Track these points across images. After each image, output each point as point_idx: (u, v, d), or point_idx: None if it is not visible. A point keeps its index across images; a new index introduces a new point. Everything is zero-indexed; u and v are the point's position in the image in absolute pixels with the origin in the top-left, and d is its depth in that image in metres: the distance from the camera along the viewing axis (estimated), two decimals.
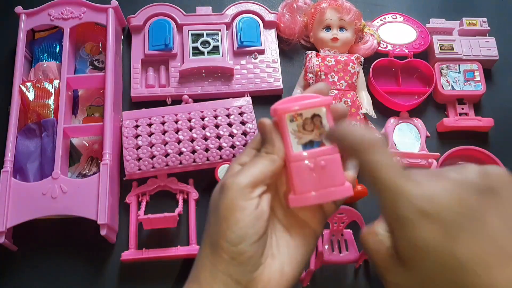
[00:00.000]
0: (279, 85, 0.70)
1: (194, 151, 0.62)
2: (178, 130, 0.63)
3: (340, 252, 0.59)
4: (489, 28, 0.74)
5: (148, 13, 0.72)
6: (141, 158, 0.61)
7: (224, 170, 0.61)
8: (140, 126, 0.64)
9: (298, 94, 0.68)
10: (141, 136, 0.63)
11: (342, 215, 0.59)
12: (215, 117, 0.65)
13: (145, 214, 0.59)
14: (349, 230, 0.61)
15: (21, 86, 0.65)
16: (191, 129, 0.64)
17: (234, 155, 0.62)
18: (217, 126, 0.64)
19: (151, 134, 0.63)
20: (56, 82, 0.66)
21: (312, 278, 0.58)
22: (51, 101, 0.65)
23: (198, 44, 0.71)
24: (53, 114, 0.64)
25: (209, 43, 0.71)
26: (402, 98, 0.70)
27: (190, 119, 0.64)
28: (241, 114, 0.65)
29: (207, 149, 0.62)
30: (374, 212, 0.61)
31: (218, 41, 0.72)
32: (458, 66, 0.72)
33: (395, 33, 0.74)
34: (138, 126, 0.64)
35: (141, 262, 0.59)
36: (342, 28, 0.70)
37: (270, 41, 0.73)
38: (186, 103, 0.67)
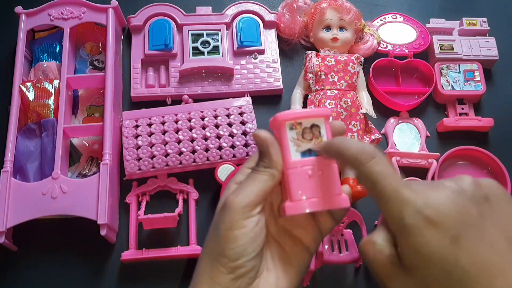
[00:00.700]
0: (279, 85, 0.70)
1: (194, 151, 0.62)
2: (178, 130, 0.63)
3: (340, 252, 0.59)
4: (489, 28, 0.74)
5: (148, 13, 0.72)
6: (141, 158, 0.61)
7: (224, 170, 0.61)
8: (140, 126, 0.64)
9: (298, 94, 0.68)
10: (141, 136, 0.63)
11: None
12: (215, 117, 0.65)
13: (145, 214, 0.59)
14: (349, 230, 0.61)
15: (21, 86, 0.65)
16: (191, 129, 0.64)
17: (234, 155, 0.62)
18: (217, 126, 0.64)
19: (151, 134, 0.63)
20: (56, 82, 0.66)
21: (312, 278, 0.58)
22: (51, 101, 0.65)
23: (198, 44, 0.71)
24: (53, 114, 0.65)
25: (209, 43, 0.71)
26: (402, 98, 0.70)
27: (190, 119, 0.64)
28: (241, 114, 0.65)
29: (207, 149, 0.62)
30: (374, 212, 0.61)
31: (218, 41, 0.72)
32: (458, 66, 0.72)
33: (395, 33, 0.74)
34: (138, 126, 0.64)
35: (141, 262, 0.59)
36: (342, 28, 0.70)
37: (270, 41, 0.73)
38: (186, 103, 0.67)
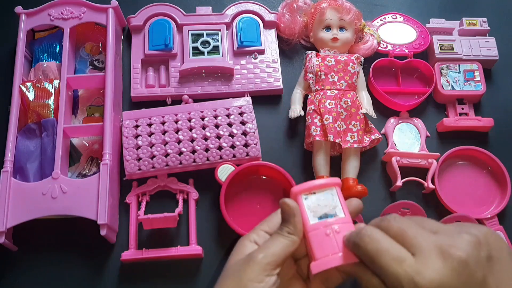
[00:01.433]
0: (279, 85, 0.70)
1: (194, 151, 0.62)
2: (178, 130, 0.63)
3: None
4: (489, 28, 0.74)
5: (148, 13, 0.72)
6: (141, 158, 0.61)
7: (224, 170, 0.61)
8: (140, 126, 0.64)
9: (298, 94, 0.68)
10: (141, 136, 0.63)
11: None
12: (215, 117, 0.65)
13: (145, 214, 0.59)
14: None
15: (21, 86, 0.65)
16: (191, 129, 0.64)
17: (234, 155, 0.62)
18: (217, 126, 0.64)
19: (151, 134, 0.63)
20: (56, 82, 0.66)
21: None
22: (51, 101, 0.65)
23: (198, 44, 0.71)
24: (53, 114, 0.65)
25: (209, 43, 0.71)
26: (402, 98, 0.70)
27: (190, 119, 0.64)
28: (241, 114, 0.65)
29: (207, 149, 0.62)
30: (374, 212, 0.61)
31: (218, 41, 0.72)
32: (458, 66, 0.72)
33: (395, 33, 0.74)
34: (138, 126, 0.64)
35: (141, 262, 0.59)
36: (342, 28, 0.70)
37: (270, 41, 0.73)
38: (186, 103, 0.67)
